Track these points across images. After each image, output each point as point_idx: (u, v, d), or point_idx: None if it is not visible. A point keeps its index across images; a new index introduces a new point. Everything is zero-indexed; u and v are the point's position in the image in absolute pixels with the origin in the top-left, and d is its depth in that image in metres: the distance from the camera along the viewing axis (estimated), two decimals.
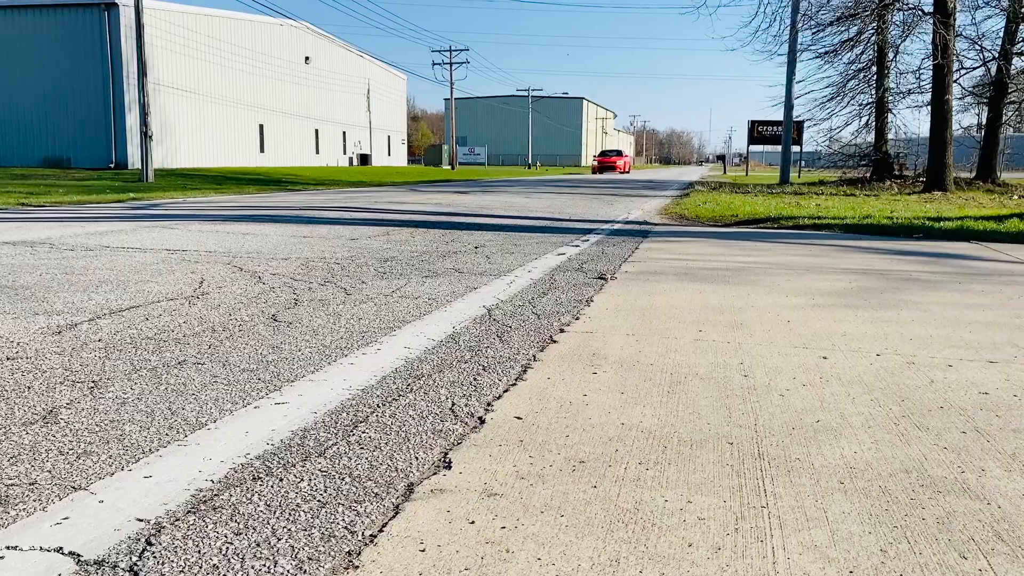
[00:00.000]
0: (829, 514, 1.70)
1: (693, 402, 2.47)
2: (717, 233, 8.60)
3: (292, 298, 4.12)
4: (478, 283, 4.70)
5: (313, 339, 3.21)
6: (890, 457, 2.03)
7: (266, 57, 43.11)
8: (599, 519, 1.66)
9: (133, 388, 2.51)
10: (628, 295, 4.39)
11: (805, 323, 3.67)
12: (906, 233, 8.43)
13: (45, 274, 4.81)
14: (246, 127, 42.09)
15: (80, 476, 1.83)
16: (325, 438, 2.11)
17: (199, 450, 2.00)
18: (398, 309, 3.87)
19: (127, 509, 1.66)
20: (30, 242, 6.58)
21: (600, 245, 6.99)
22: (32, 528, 1.58)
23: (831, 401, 2.49)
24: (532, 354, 3.04)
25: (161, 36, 33.41)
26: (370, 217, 10.12)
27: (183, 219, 9.46)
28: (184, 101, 36.44)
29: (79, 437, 2.08)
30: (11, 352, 2.93)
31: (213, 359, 2.88)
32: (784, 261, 6.04)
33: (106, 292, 4.21)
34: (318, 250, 6.26)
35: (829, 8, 21.64)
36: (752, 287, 4.69)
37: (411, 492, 1.79)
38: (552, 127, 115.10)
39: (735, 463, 1.97)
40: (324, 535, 1.58)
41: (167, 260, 5.53)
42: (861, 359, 3.02)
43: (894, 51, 22.83)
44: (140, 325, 3.42)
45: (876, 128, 24.98)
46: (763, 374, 2.80)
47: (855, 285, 4.82)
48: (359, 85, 55.42)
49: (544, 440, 2.12)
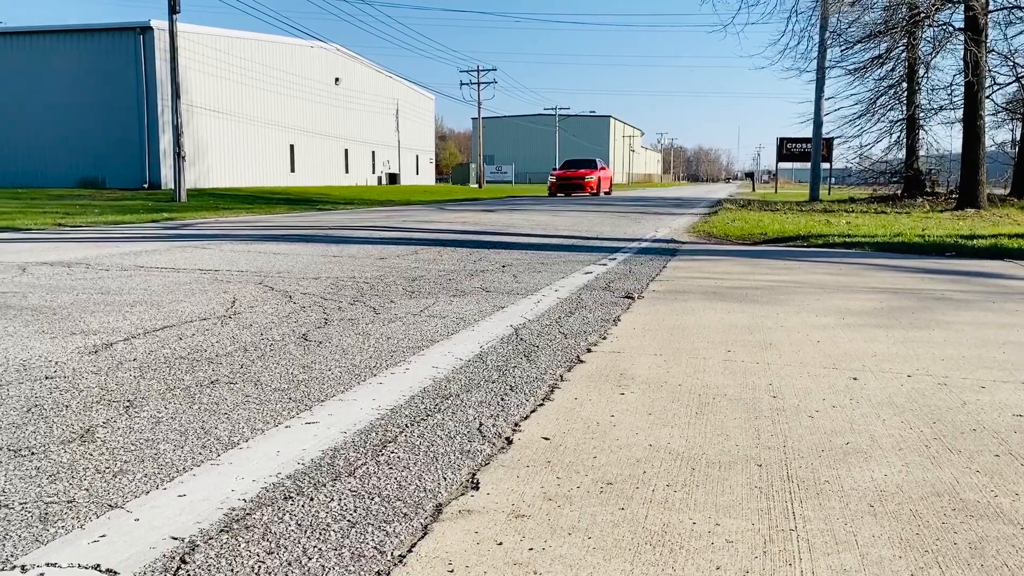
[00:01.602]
0: (859, 538, 1.69)
1: (721, 423, 2.46)
2: (746, 251, 8.56)
3: (322, 317, 4.16)
4: (505, 302, 4.73)
5: (343, 358, 3.25)
6: (921, 480, 2.01)
7: (297, 78, 43.75)
8: (627, 541, 1.66)
9: (167, 407, 2.56)
10: (656, 315, 4.38)
11: (835, 343, 3.65)
12: (938, 251, 8.33)
13: (81, 294, 4.91)
14: (277, 147, 42.69)
15: (116, 494, 1.87)
16: (355, 458, 2.13)
17: (231, 469, 2.03)
18: (426, 328, 3.90)
19: (162, 527, 1.70)
20: (67, 262, 6.72)
21: (627, 264, 6.99)
22: (70, 545, 1.61)
23: (861, 423, 2.47)
24: (559, 374, 3.05)
25: (195, 58, 34.05)
26: (398, 236, 10.20)
27: (215, 239, 9.60)
28: (217, 122, 37.06)
29: (115, 456, 2.12)
30: (49, 371, 3.00)
31: (245, 378, 2.92)
32: (813, 280, 6.00)
33: (141, 312, 4.29)
34: (348, 269, 6.32)
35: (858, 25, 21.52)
36: (781, 306, 4.66)
37: (439, 513, 1.80)
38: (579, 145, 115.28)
39: (764, 485, 1.97)
40: (354, 555, 1.60)
41: (200, 280, 5.62)
42: (892, 380, 2.99)
43: (925, 67, 22.66)
44: (174, 345, 3.48)
45: (907, 145, 24.75)
46: (792, 395, 2.78)
47: (886, 304, 4.78)
48: (388, 105, 56.02)
49: (571, 461, 2.13)
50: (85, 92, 33.92)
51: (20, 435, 2.28)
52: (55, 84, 34.29)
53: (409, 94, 60.11)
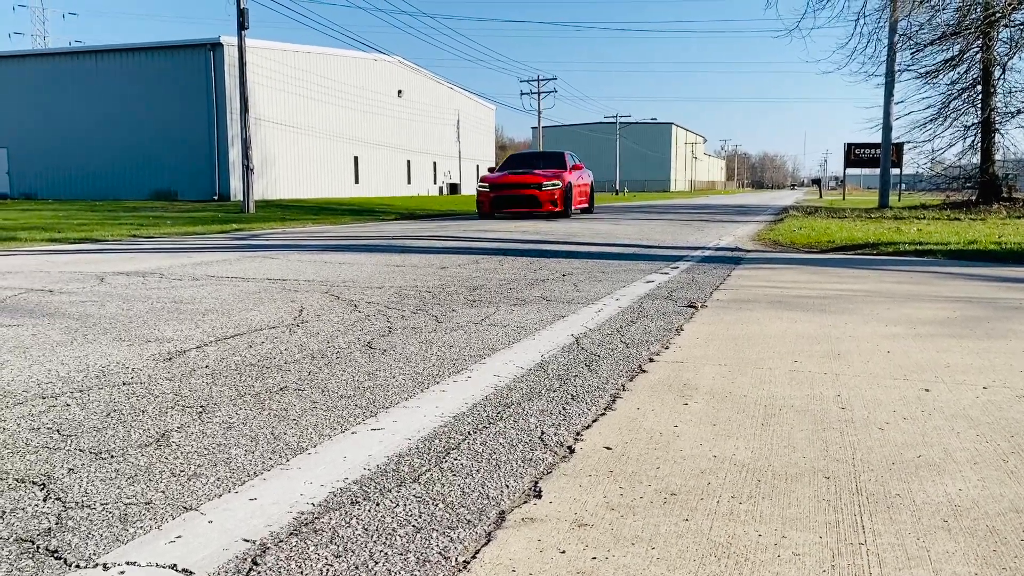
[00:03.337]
0: (932, 553, 1.64)
1: (788, 435, 2.42)
2: (812, 260, 8.40)
3: (386, 326, 4.23)
4: (566, 311, 4.73)
5: (406, 366, 3.30)
6: (998, 495, 1.94)
7: (361, 91, 44.55)
8: (691, 552, 1.65)
9: (238, 413, 2.63)
10: (720, 324, 4.33)
11: (906, 354, 3.55)
12: (1016, 259, 8.03)
13: (156, 303, 5.08)
14: (342, 159, 43.51)
15: (191, 497, 1.93)
16: (419, 464, 2.16)
17: (300, 474, 2.08)
18: (487, 337, 3.93)
19: (234, 530, 1.75)
20: (142, 272, 6.96)
21: (690, 272, 6.93)
22: (149, 545, 1.67)
23: (934, 435, 2.41)
24: (621, 384, 3.04)
25: (262, 73, 34.95)
26: (459, 245, 10.29)
27: (283, 249, 9.83)
28: (283, 135, 37.95)
29: (189, 459, 2.19)
30: (127, 378, 3.11)
31: (312, 385, 2.99)
32: (883, 288, 5.85)
33: (212, 320, 4.42)
34: (410, 279, 6.41)
35: (929, 27, 20.97)
36: (849, 316, 4.56)
37: (503, 520, 1.82)
38: (640, 153, 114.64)
39: (832, 498, 1.93)
40: (419, 560, 1.62)
41: (268, 289, 5.76)
42: (966, 392, 2.90)
43: (1001, 69, 21.92)
44: (244, 352, 3.58)
45: (982, 149, 23.94)
46: (861, 406, 2.72)
47: (959, 314, 4.63)
48: (449, 116, 56.59)
49: (634, 471, 2.12)
50: (158, 107, 35.13)
51: (101, 438, 2.37)
52: (131, 99, 35.59)
53: (469, 105, 60.64)
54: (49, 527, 1.77)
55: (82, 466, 2.14)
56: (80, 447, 2.29)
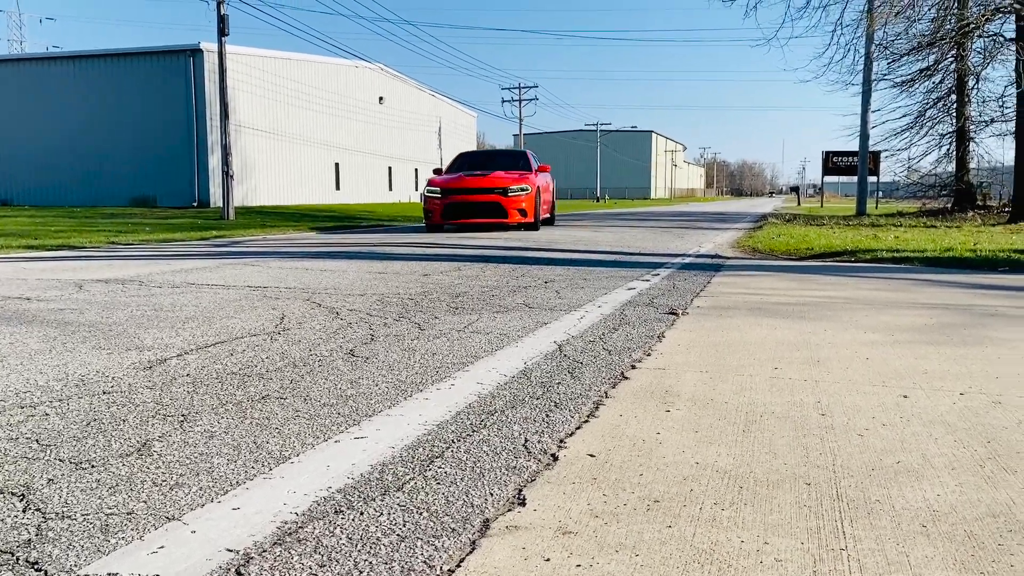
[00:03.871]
0: (911, 558, 1.66)
1: (769, 441, 2.44)
2: (792, 267, 8.47)
3: (368, 334, 4.22)
4: (548, 318, 4.74)
5: (389, 374, 3.29)
6: (976, 500, 1.97)
7: (342, 98, 44.44)
8: (674, 559, 1.66)
9: (220, 422, 2.62)
10: (701, 331, 4.36)
11: (884, 360, 3.59)
12: (990, 266, 8.15)
13: (135, 311, 5.04)
14: (323, 165, 43.36)
15: (173, 507, 1.92)
16: (403, 472, 2.16)
17: (283, 483, 2.08)
18: (470, 344, 3.93)
19: (217, 539, 1.74)
20: (121, 280, 6.90)
21: (671, 279, 6.96)
22: (131, 556, 1.66)
23: (912, 441, 2.44)
24: (604, 391, 3.06)
25: (243, 80, 34.77)
26: (442, 252, 10.28)
27: (263, 256, 9.78)
28: (263, 141, 37.77)
29: (171, 469, 2.18)
30: (107, 386, 3.09)
31: (295, 394, 2.98)
32: (862, 296, 5.91)
33: (192, 328, 4.39)
34: (392, 286, 6.40)
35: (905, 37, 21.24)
36: (829, 323, 4.61)
37: (487, 528, 1.82)
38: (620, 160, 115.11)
39: (813, 504, 1.95)
40: (404, 569, 1.62)
41: (249, 297, 5.74)
42: (944, 398, 2.94)
43: (975, 78, 22.24)
44: (225, 360, 3.56)
45: (957, 157, 24.27)
46: (841, 413, 2.75)
47: (936, 321, 4.69)
48: (431, 123, 56.57)
49: (617, 478, 2.13)
50: (137, 114, 34.86)
51: (81, 448, 2.35)
52: (109, 105, 35.30)
53: (451, 111, 60.65)
54: (29, 538, 1.75)
55: (62, 476, 2.12)
56: (60, 457, 2.27)
